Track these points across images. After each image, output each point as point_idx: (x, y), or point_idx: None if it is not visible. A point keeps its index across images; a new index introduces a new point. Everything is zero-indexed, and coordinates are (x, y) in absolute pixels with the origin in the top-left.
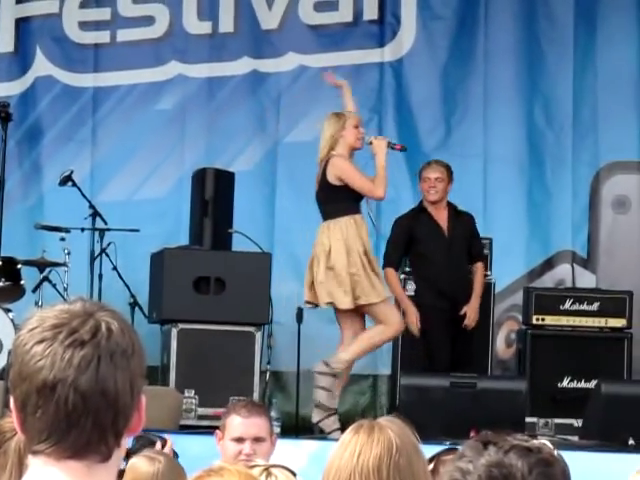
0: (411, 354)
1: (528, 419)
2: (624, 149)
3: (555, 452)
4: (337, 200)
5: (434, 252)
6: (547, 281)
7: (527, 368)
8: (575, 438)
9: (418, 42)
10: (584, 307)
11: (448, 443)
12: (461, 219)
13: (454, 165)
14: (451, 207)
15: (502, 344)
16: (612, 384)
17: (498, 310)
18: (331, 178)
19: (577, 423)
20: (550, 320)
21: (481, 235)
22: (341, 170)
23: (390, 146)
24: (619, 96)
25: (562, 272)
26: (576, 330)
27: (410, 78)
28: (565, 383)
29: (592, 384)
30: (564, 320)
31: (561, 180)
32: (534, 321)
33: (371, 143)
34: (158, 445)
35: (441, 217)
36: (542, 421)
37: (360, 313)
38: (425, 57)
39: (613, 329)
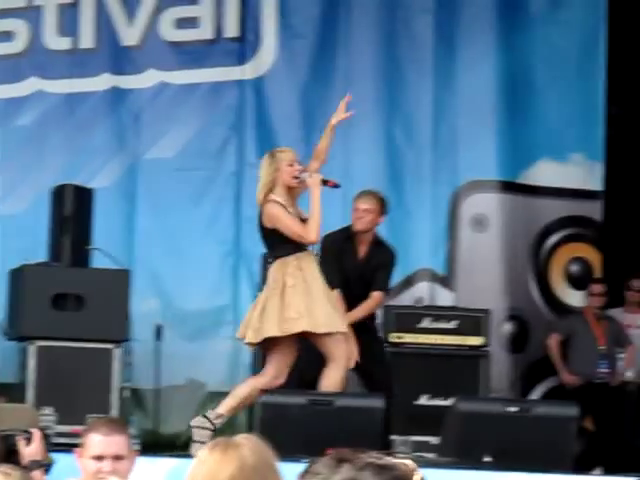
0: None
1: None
2: (482, 168)
3: (417, 471)
4: (279, 242)
5: (347, 282)
6: (406, 299)
7: None
8: (432, 455)
9: (279, 60)
10: (442, 325)
11: (306, 461)
12: (379, 251)
13: None
14: (375, 239)
15: None
16: (469, 402)
17: None
18: (266, 223)
19: (435, 440)
20: (409, 338)
21: None
22: (270, 217)
23: (323, 183)
24: (478, 116)
25: (421, 290)
26: (434, 348)
27: (271, 96)
28: (423, 401)
29: (450, 401)
30: (422, 338)
31: (420, 199)
32: (393, 339)
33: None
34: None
35: (362, 248)
36: (400, 439)
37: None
38: (286, 75)
39: (471, 347)
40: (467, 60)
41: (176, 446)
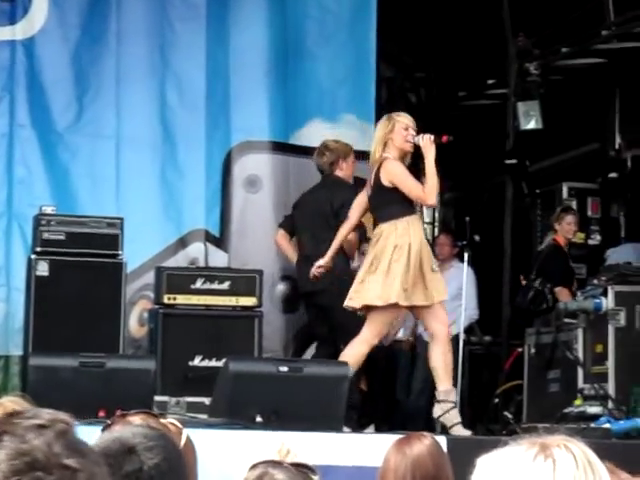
0: (43, 333)
1: (159, 398)
2: (255, 129)
3: (183, 431)
4: (391, 202)
5: None
6: (181, 260)
7: (159, 347)
8: (204, 416)
9: (50, 20)
10: (216, 286)
11: (78, 423)
12: None
13: (86, 146)
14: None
15: (135, 323)
16: (239, 362)
17: (131, 290)
18: (384, 180)
19: (208, 401)
20: (182, 299)
21: (114, 215)
22: (391, 174)
23: (437, 142)
24: (251, 76)
25: (195, 251)
26: (208, 309)
27: (42, 57)
28: (197, 362)
29: (223, 362)
30: (196, 299)
31: (194, 159)
32: (166, 300)
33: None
34: None
35: None
36: (174, 400)
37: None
38: (57, 36)
39: (244, 308)
40: (240, 20)
41: None
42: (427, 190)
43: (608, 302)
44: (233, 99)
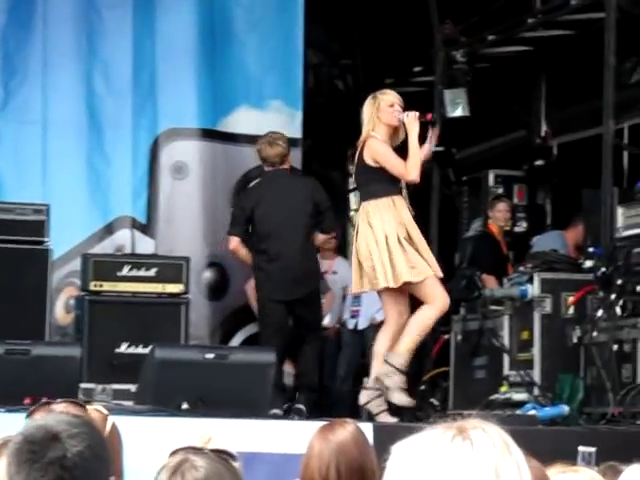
0: None
1: (85, 385)
2: (183, 116)
3: (108, 417)
4: (374, 181)
5: None
6: (107, 247)
7: (85, 334)
8: (130, 403)
9: None
10: (142, 273)
11: (3, 410)
12: None
13: (11, 132)
14: None
15: (61, 310)
16: (165, 349)
17: (57, 277)
18: (367, 159)
19: (134, 388)
20: (108, 286)
21: (40, 202)
22: (375, 151)
23: (421, 119)
24: (178, 63)
25: (122, 238)
26: (135, 296)
27: None
28: (123, 349)
29: (149, 349)
30: (122, 286)
31: (121, 146)
32: (92, 287)
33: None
34: None
35: None
36: (100, 387)
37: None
38: None
39: (171, 295)
40: (167, 6)
41: None
42: (409, 166)
43: (534, 289)
44: (160, 86)
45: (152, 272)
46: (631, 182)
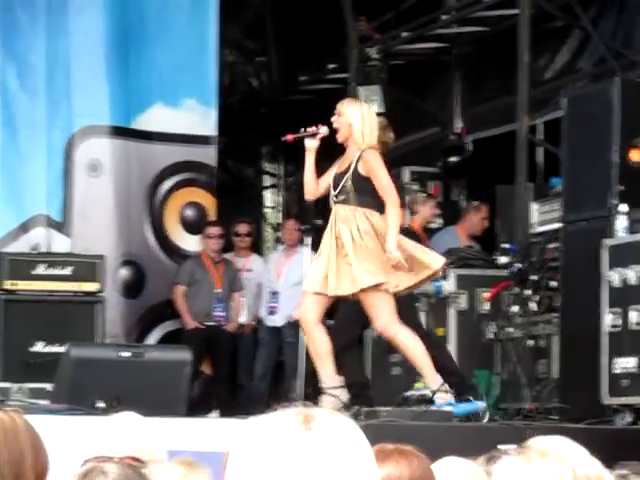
0: None
1: (1, 384)
2: (96, 114)
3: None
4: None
5: None
6: (23, 246)
7: (0, 333)
8: (46, 402)
9: None
10: (57, 272)
11: None
12: None
13: None
14: None
15: None
16: (80, 347)
17: None
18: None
19: (50, 387)
20: (23, 285)
21: None
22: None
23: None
24: (91, 61)
25: (37, 236)
26: (50, 295)
27: None
28: (39, 348)
29: (65, 348)
30: (37, 285)
31: (35, 144)
32: (7, 286)
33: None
34: None
35: None
36: (15, 386)
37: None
38: None
39: (86, 293)
40: (79, 5)
41: None
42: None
43: (449, 285)
44: (74, 84)
45: (67, 271)
46: (545, 178)
